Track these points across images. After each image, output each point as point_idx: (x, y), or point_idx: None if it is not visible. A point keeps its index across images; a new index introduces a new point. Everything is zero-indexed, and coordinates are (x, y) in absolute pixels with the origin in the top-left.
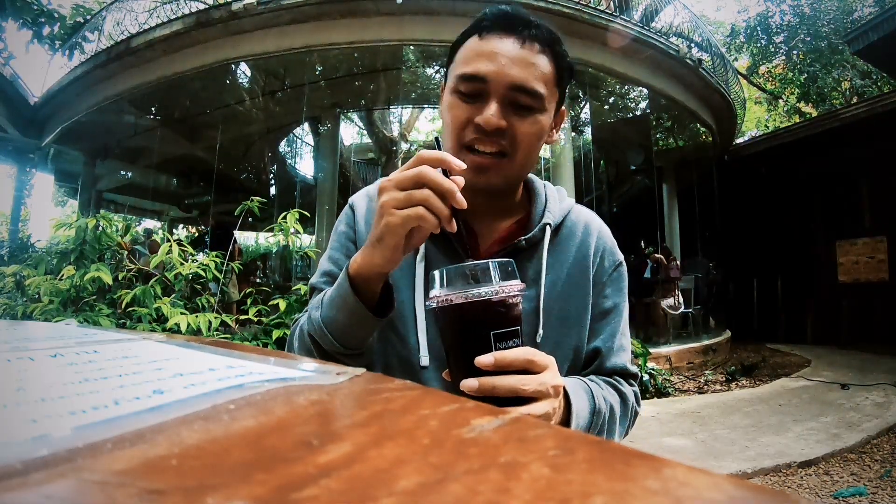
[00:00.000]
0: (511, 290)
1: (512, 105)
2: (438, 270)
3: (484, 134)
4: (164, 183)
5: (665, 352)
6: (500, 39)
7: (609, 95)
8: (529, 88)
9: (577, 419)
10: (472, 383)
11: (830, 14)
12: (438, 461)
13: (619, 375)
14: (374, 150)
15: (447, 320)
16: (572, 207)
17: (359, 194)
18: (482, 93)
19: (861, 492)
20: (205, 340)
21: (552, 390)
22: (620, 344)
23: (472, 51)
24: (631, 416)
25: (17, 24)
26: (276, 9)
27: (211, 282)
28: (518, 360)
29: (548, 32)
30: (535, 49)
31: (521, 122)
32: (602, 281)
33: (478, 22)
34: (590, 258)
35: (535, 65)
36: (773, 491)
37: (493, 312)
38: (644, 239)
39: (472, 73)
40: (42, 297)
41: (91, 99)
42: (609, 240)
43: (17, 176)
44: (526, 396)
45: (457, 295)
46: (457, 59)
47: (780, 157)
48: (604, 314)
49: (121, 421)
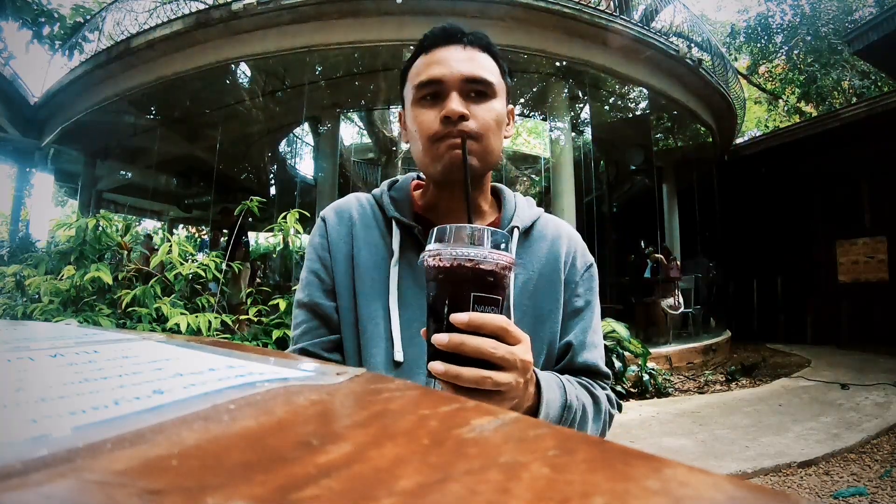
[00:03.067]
0: (501, 260)
1: (468, 95)
2: (437, 228)
3: (451, 124)
4: (164, 183)
5: (665, 352)
6: (444, 49)
7: (609, 95)
8: (480, 78)
9: (546, 408)
10: (443, 338)
11: (830, 14)
12: (438, 461)
13: (591, 374)
14: (374, 150)
15: (434, 276)
16: (541, 215)
17: (329, 208)
18: (440, 93)
19: (861, 492)
20: (205, 340)
21: (520, 363)
22: (592, 340)
23: (423, 64)
24: (605, 419)
25: (17, 24)
26: (276, 9)
27: (211, 282)
28: (492, 324)
29: (483, 36)
30: (477, 50)
31: (479, 108)
32: (575, 281)
33: (420, 43)
34: (560, 260)
35: (479, 60)
36: (773, 491)
37: (479, 275)
38: (644, 239)
39: (428, 78)
40: (42, 297)
41: (91, 99)
42: (580, 244)
43: (17, 176)
44: (493, 362)
45: (447, 252)
46: (410, 78)
47: (780, 157)
48: (576, 312)
49: (121, 421)
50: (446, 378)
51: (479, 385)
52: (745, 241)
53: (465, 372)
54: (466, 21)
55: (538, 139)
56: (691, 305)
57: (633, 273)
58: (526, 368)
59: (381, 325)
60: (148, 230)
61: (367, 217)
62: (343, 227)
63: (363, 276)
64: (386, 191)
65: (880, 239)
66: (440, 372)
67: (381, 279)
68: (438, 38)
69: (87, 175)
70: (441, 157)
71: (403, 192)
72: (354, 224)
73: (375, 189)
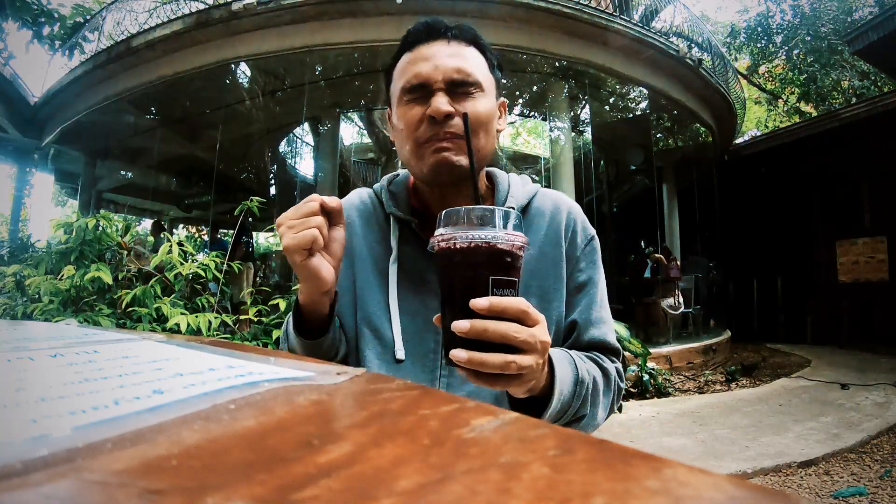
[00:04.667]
0: (516, 240)
1: (455, 93)
2: (445, 211)
3: (437, 124)
4: (164, 183)
5: (665, 352)
6: (428, 46)
7: (609, 95)
8: (466, 74)
9: (560, 385)
10: (464, 325)
11: (830, 14)
12: (438, 461)
13: (600, 349)
14: (374, 150)
15: (448, 260)
16: (538, 191)
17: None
18: (427, 93)
19: (861, 492)
20: (205, 340)
21: (540, 345)
22: (599, 316)
23: (407, 62)
24: (615, 392)
25: (17, 24)
26: (276, 9)
27: (211, 282)
28: (513, 308)
29: (468, 29)
30: (462, 44)
31: (466, 105)
32: (576, 255)
33: (403, 40)
34: (561, 234)
35: (465, 55)
36: (773, 491)
37: (496, 258)
38: (644, 239)
39: (413, 78)
40: (42, 297)
41: (91, 99)
42: (580, 216)
43: (17, 176)
44: (514, 346)
45: (462, 235)
46: (395, 78)
47: (780, 157)
48: (579, 288)
49: (121, 421)
50: (470, 365)
51: (504, 370)
52: (745, 241)
53: (490, 358)
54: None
55: (538, 139)
56: (691, 305)
57: (633, 273)
58: (545, 349)
59: (381, 323)
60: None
61: (367, 214)
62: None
63: (363, 272)
64: (385, 186)
65: (880, 239)
66: (463, 359)
67: (381, 275)
68: (422, 34)
69: (87, 175)
70: (426, 160)
71: (401, 186)
72: (354, 222)
73: (376, 184)
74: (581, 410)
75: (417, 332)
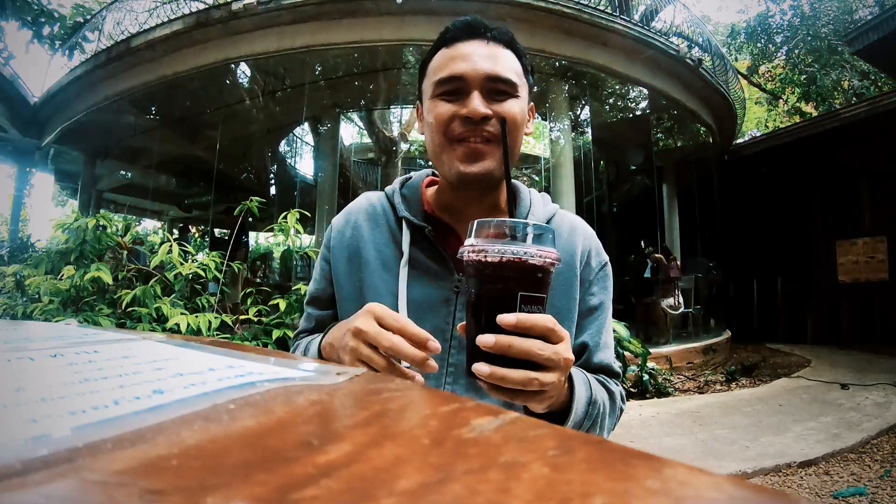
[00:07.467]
0: (548, 256)
1: (490, 94)
2: (477, 221)
3: (472, 125)
4: (164, 183)
5: (665, 352)
6: (466, 44)
7: (609, 95)
8: (503, 77)
9: (577, 404)
10: (489, 339)
11: (830, 14)
12: (438, 461)
13: (606, 373)
14: (374, 150)
15: (478, 272)
16: (557, 211)
17: (339, 215)
18: (462, 90)
19: (861, 492)
20: (205, 340)
21: (563, 363)
22: (605, 341)
23: (445, 58)
24: (618, 414)
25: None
26: (276, 9)
27: (211, 282)
28: (539, 325)
29: (506, 32)
30: (500, 46)
31: (501, 107)
32: (589, 279)
33: (442, 35)
34: (576, 257)
35: (502, 58)
36: (773, 491)
37: (527, 274)
38: (644, 239)
39: (451, 74)
40: (42, 297)
41: (91, 99)
42: (595, 241)
43: (17, 176)
44: (538, 363)
45: (494, 248)
46: (430, 72)
47: (780, 157)
48: (591, 311)
49: (121, 421)
50: (492, 380)
51: (526, 387)
52: (745, 240)
53: (512, 374)
54: None
55: (538, 139)
56: (691, 305)
57: (633, 273)
58: (568, 367)
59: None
60: (148, 230)
61: (377, 218)
62: (348, 232)
63: (371, 277)
64: (398, 189)
65: (880, 239)
66: (485, 374)
67: (391, 280)
68: (461, 32)
69: (87, 175)
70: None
71: (415, 190)
72: (361, 227)
73: (388, 187)
74: (590, 431)
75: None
